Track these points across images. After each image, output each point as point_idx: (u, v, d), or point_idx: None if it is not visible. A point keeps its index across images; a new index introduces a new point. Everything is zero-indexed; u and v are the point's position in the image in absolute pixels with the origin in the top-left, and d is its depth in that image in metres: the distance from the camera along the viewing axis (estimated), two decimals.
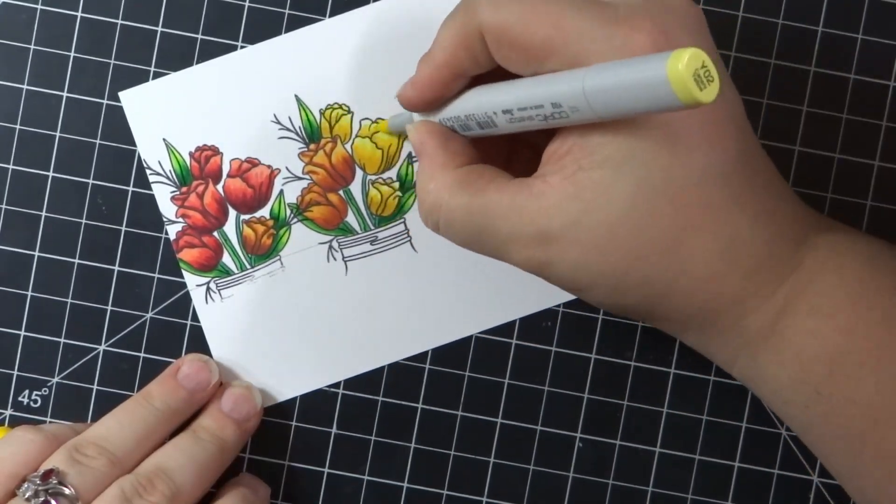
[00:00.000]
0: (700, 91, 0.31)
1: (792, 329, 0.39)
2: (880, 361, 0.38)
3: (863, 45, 0.49)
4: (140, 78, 0.48)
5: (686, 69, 0.31)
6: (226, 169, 0.48)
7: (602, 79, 0.33)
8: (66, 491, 0.41)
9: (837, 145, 0.49)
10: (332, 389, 0.49)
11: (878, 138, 0.49)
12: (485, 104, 0.39)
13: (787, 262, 0.39)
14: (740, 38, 0.49)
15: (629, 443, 0.49)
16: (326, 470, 0.49)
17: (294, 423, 0.49)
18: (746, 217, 0.38)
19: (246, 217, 0.49)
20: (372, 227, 0.49)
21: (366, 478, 0.49)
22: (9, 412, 0.49)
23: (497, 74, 0.39)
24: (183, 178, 0.48)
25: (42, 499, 0.41)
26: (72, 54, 0.48)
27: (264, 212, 0.49)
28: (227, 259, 0.49)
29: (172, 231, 0.48)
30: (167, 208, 0.48)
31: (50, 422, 0.48)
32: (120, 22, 0.48)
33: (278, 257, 0.49)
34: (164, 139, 0.48)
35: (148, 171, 0.48)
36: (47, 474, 0.41)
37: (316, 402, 0.49)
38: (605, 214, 0.37)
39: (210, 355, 0.48)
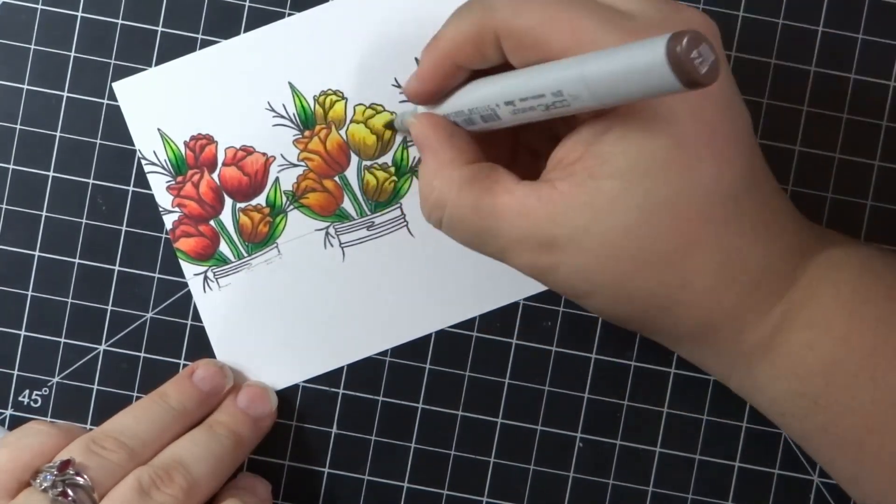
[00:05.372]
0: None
1: (789, 343, 0.39)
2: (875, 369, 0.39)
3: (863, 45, 0.49)
4: None
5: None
6: (221, 157, 0.49)
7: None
8: (82, 481, 0.41)
9: (837, 145, 0.49)
10: (333, 389, 0.49)
11: (878, 138, 0.49)
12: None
13: (785, 278, 0.39)
14: (740, 38, 0.49)
15: (629, 443, 0.49)
16: (326, 470, 0.49)
17: (294, 423, 0.49)
18: (747, 234, 0.38)
19: (242, 205, 0.49)
20: (368, 213, 0.49)
21: (366, 478, 0.49)
22: (9, 412, 0.49)
23: (498, 67, 0.39)
24: (178, 168, 0.49)
25: (59, 489, 0.41)
26: (72, 54, 0.48)
27: (260, 200, 0.49)
28: (223, 248, 0.49)
29: (169, 221, 0.48)
30: (163, 198, 0.48)
31: (52, 422, 0.48)
32: (120, 22, 0.48)
33: (275, 245, 0.49)
34: (158, 129, 0.48)
35: (143, 162, 0.48)
36: (64, 465, 0.41)
37: (316, 402, 0.49)
38: (613, 224, 0.37)
39: (209, 345, 0.48)
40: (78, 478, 0.41)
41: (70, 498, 0.40)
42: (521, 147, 0.44)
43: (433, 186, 0.40)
